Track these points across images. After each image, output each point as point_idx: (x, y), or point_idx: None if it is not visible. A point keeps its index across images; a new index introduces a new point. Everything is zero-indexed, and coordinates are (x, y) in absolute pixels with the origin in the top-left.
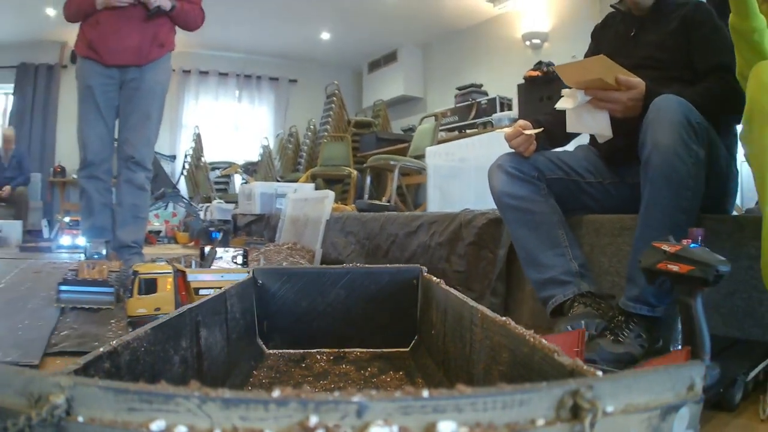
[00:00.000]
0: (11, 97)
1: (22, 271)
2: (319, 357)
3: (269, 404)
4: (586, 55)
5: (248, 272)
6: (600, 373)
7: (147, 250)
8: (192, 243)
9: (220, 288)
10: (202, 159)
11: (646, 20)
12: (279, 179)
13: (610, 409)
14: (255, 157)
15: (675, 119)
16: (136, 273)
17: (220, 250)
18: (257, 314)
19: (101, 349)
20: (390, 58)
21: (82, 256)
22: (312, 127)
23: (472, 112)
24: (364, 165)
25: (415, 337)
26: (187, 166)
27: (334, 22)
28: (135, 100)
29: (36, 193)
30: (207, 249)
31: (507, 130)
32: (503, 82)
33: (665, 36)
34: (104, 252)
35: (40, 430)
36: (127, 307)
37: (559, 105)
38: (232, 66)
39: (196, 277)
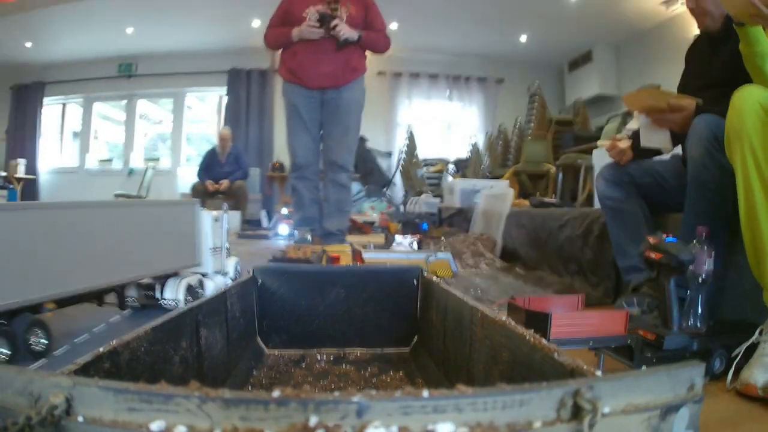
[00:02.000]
0: (224, 98)
1: (239, 253)
2: (319, 357)
3: (269, 404)
4: (682, 75)
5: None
6: (600, 373)
7: (361, 238)
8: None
9: (385, 263)
10: (416, 155)
11: (719, 41)
12: (487, 175)
13: (610, 409)
14: (466, 154)
15: (703, 135)
16: (324, 251)
17: (398, 237)
18: (257, 314)
19: (101, 349)
20: (586, 57)
21: (292, 242)
22: (518, 125)
23: None
24: (557, 163)
25: (415, 337)
26: (402, 162)
27: (530, 25)
28: (336, 116)
29: (255, 186)
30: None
31: (607, 143)
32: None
33: (727, 56)
34: (309, 238)
35: (40, 430)
36: None
37: (628, 126)
38: (441, 67)
39: (369, 255)
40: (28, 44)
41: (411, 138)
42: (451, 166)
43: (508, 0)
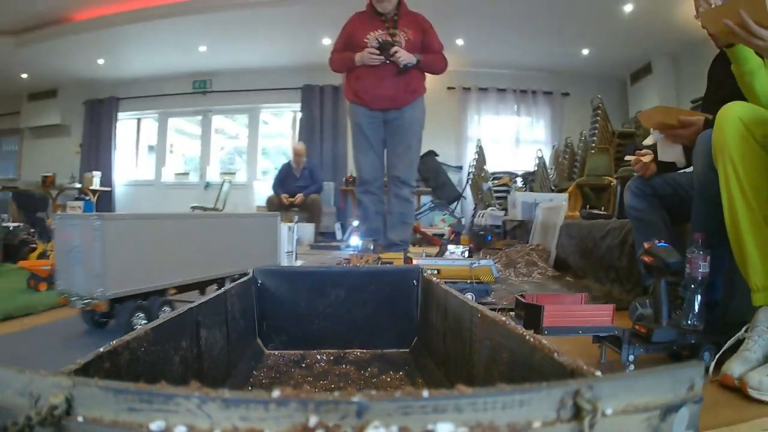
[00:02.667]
0: (299, 114)
1: (307, 261)
2: (319, 357)
3: (269, 404)
4: (705, 91)
5: (469, 260)
6: (599, 373)
7: (429, 250)
8: (470, 244)
9: (437, 270)
10: (485, 169)
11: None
12: (553, 188)
13: (610, 409)
14: (533, 168)
15: (705, 148)
16: (379, 258)
17: (451, 247)
18: (257, 314)
19: (101, 349)
20: (646, 69)
21: (356, 251)
22: (583, 138)
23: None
24: (615, 175)
25: (415, 337)
26: (471, 176)
27: (591, 39)
28: (398, 135)
29: (329, 199)
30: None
31: (632, 158)
32: None
33: None
34: (371, 248)
35: (40, 430)
36: None
37: (645, 142)
38: (508, 82)
39: (419, 261)
40: (101, 61)
41: (480, 152)
42: (519, 180)
43: (567, 14)
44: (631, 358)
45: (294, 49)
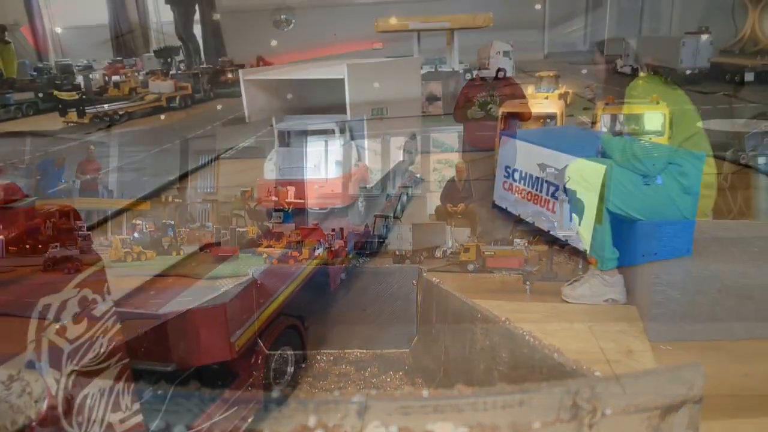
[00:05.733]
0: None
1: None
2: (319, 357)
3: (270, 404)
4: None
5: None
6: (599, 373)
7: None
8: None
9: None
10: None
11: None
12: None
13: (610, 409)
14: None
15: None
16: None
17: None
18: (257, 314)
19: (101, 349)
20: None
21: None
22: None
23: None
24: None
25: (415, 337)
26: None
27: None
28: None
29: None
30: None
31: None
32: None
33: None
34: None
35: (40, 430)
36: None
37: None
38: None
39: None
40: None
41: None
42: None
43: None
44: (528, 284)
45: None
